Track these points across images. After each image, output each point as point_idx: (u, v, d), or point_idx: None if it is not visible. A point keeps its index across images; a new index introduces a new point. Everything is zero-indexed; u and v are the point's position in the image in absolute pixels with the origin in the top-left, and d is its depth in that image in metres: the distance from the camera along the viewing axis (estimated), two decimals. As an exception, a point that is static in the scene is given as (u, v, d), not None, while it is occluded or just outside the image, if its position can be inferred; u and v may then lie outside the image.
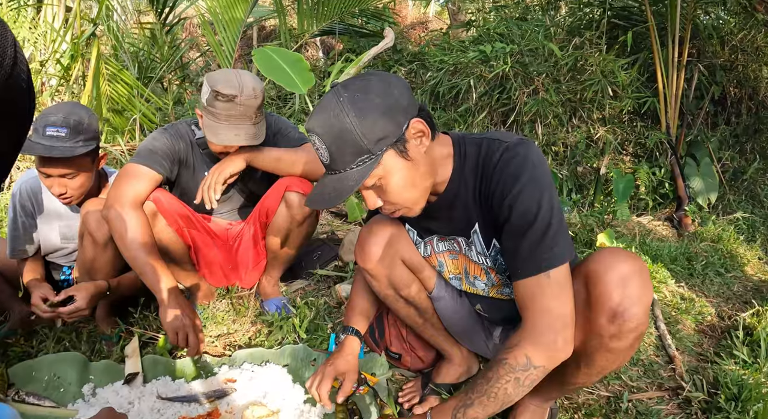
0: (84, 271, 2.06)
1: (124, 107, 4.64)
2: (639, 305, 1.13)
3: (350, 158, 1.13)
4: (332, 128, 1.12)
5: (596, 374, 1.26)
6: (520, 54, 3.98)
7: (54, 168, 1.86)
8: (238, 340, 2.04)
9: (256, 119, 1.89)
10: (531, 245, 1.15)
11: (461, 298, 1.60)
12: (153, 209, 1.95)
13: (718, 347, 2.16)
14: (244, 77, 1.87)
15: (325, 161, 1.17)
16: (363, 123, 1.10)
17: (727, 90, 4.77)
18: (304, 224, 2.05)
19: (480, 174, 1.26)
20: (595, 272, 1.16)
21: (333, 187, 1.16)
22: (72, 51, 4.46)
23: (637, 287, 1.13)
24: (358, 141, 1.11)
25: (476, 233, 1.35)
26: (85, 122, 1.87)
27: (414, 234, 1.52)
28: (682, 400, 1.78)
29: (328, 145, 1.13)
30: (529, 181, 1.17)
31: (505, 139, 1.25)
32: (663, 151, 4.30)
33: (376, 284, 1.55)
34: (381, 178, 1.17)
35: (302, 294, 2.34)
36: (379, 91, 1.12)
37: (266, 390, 1.66)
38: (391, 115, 1.12)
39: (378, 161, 1.13)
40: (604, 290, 1.14)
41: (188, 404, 1.61)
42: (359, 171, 1.13)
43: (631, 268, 1.14)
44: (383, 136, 1.12)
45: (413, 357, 1.82)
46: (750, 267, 3.21)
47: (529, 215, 1.16)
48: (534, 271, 1.15)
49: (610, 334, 1.16)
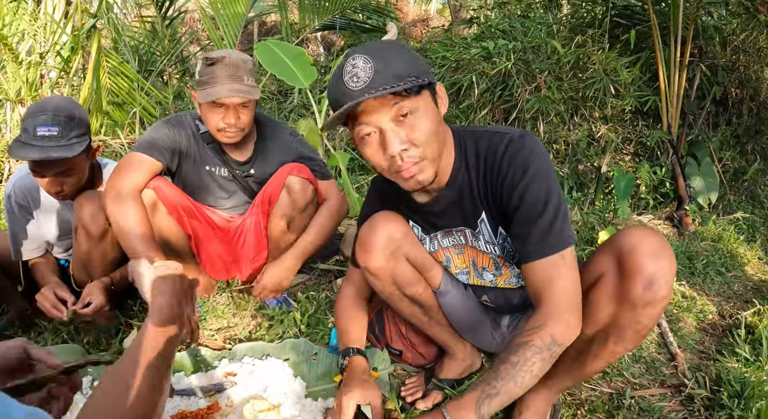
0: (80, 265, 2.04)
1: (124, 101, 4.63)
2: (669, 275, 1.17)
3: (393, 80, 1.09)
4: (383, 47, 1.14)
5: (621, 351, 1.28)
6: (522, 51, 3.96)
7: (50, 169, 1.82)
8: (239, 334, 2.03)
9: (248, 81, 1.90)
10: (542, 229, 1.19)
11: (467, 291, 1.59)
12: (153, 198, 1.93)
13: (719, 345, 2.15)
14: (232, 51, 1.92)
15: (361, 84, 1.10)
16: (409, 56, 1.14)
17: (728, 91, 4.76)
18: (306, 210, 2.07)
19: (483, 166, 1.28)
20: (628, 246, 1.19)
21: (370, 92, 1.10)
22: (72, 43, 4.44)
23: (667, 259, 1.17)
24: (412, 59, 1.13)
25: (483, 222, 1.35)
26: (75, 116, 1.83)
27: (419, 230, 1.50)
28: (684, 397, 1.77)
29: (375, 61, 1.10)
30: (537, 172, 1.20)
31: (506, 131, 1.27)
32: (664, 150, 4.29)
33: (379, 283, 1.51)
34: (414, 112, 1.15)
35: (303, 288, 2.33)
36: (403, 48, 1.17)
37: (267, 384, 1.65)
38: (423, 63, 1.17)
39: (421, 88, 1.14)
40: (639, 260, 1.17)
41: (188, 397, 1.60)
42: (405, 85, 1.10)
43: (660, 242, 1.18)
44: (424, 72, 1.15)
45: (414, 353, 1.81)
46: (750, 267, 3.20)
47: (539, 205, 1.19)
48: (549, 252, 1.19)
49: (644, 302, 1.18)
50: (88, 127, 1.89)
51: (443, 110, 1.22)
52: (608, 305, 1.23)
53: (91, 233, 1.91)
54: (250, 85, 1.90)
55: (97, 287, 1.90)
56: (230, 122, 1.90)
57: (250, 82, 1.91)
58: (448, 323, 1.66)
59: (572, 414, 1.65)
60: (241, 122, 1.92)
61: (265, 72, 5.24)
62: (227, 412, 1.54)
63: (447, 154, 1.29)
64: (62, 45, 4.53)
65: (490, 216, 1.34)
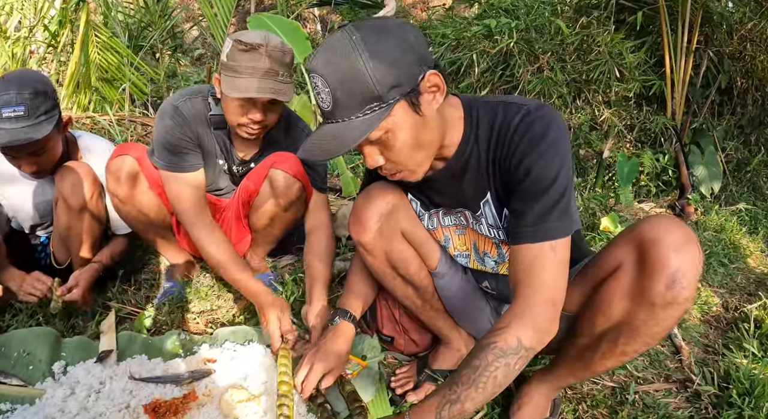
0: (60, 240, 1.94)
1: (113, 76, 4.52)
2: (694, 273, 1.04)
3: (357, 105, 1.00)
4: (341, 69, 0.99)
5: (631, 353, 1.16)
6: (525, 30, 3.83)
7: (20, 150, 1.72)
8: (221, 317, 1.92)
9: (284, 78, 1.64)
10: (542, 210, 1.07)
11: (466, 275, 1.48)
12: (135, 169, 1.79)
13: (725, 338, 2.07)
14: (271, 35, 1.66)
15: (326, 107, 1.03)
16: (377, 66, 0.98)
17: (733, 80, 4.67)
18: (291, 209, 1.87)
19: (495, 139, 1.15)
20: (651, 236, 1.06)
21: (333, 136, 1.03)
22: (60, 17, 4.30)
23: (693, 255, 1.04)
24: (369, 86, 0.98)
25: (488, 204, 1.23)
26: (40, 91, 1.70)
27: (417, 205, 1.39)
28: (691, 394, 1.68)
29: (333, 88, 1.00)
30: (551, 144, 1.08)
31: (524, 102, 1.14)
32: (667, 137, 4.20)
33: (372, 259, 1.41)
34: (388, 131, 1.05)
35: (291, 270, 2.21)
36: (396, 34, 1.01)
37: (247, 371, 1.54)
38: (408, 62, 1.01)
39: (389, 111, 1.01)
40: (661, 254, 1.04)
41: (163, 385, 1.49)
42: (366, 121, 1.01)
43: (686, 234, 1.05)
44: (397, 83, 1.00)
45: (407, 340, 1.70)
46: (752, 259, 3.14)
47: (546, 181, 1.07)
48: (539, 238, 1.08)
49: (664, 302, 1.05)
50: (55, 100, 1.77)
51: (439, 100, 1.08)
52: (623, 301, 1.11)
53: (71, 206, 1.82)
54: (285, 81, 1.65)
55: (83, 276, 1.84)
56: (256, 118, 1.67)
57: (285, 78, 1.65)
58: (444, 308, 1.55)
59: (573, 409, 1.55)
60: (267, 120, 1.71)
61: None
62: (204, 402, 1.43)
63: (453, 130, 1.18)
64: (50, 19, 4.40)
65: (496, 196, 1.22)
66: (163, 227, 1.97)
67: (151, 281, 2.16)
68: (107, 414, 1.40)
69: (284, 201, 1.82)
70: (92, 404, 1.43)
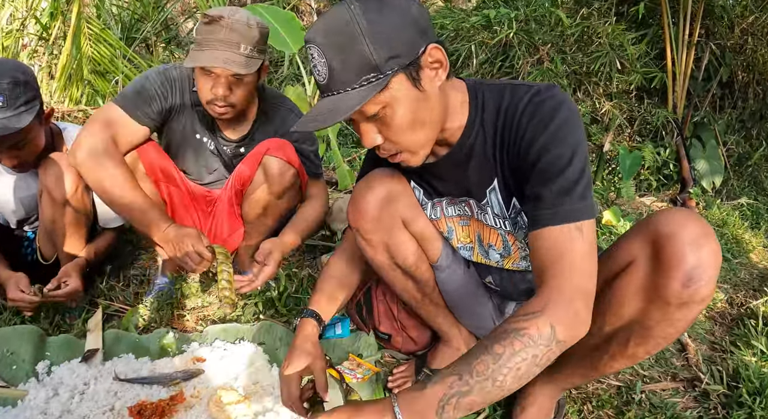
0: (46, 235, 1.88)
1: (106, 69, 4.44)
2: (713, 270, 0.96)
3: (353, 76, 0.94)
4: (337, 37, 0.93)
5: (642, 354, 1.09)
6: (525, 21, 3.76)
7: (0, 143, 1.64)
8: (212, 314, 1.85)
9: (246, 51, 1.59)
10: (562, 190, 0.97)
11: (469, 269, 1.41)
12: (132, 156, 1.73)
13: (731, 335, 2.01)
14: (242, 10, 1.62)
15: (322, 79, 0.97)
16: (375, 34, 0.92)
17: (734, 73, 4.62)
18: (284, 197, 1.81)
19: (502, 123, 1.08)
20: (666, 230, 0.98)
21: (329, 108, 0.97)
22: (52, 9, 4.22)
23: (711, 249, 0.96)
24: (366, 54, 0.92)
25: (494, 191, 1.16)
26: (20, 81, 1.62)
27: (420, 193, 1.31)
28: (699, 393, 1.63)
29: (329, 58, 0.94)
30: (564, 124, 1.00)
31: (532, 84, 1.07)
32: (669, 131, 4.14)
33: (370, 250, 1.33)
34: (386, 106, 0.98)
35: (284, 265, 2.15)
36: (397, 5, 0.95)
37: (238, 371, 1.47)
38: (408, 32, 0.95)
39: (386, 84, 0.94)
40: (678, 250, 0.95)
41: (150, 386, 1.42)
42: (362, 92, 0.94)
43: (703, 228, 0.97)
44: (396, 53, 0.94)
45: (405, 337, 1.64)
46: (755, 254, 3.09)
47: (561, 160, 0.98)
48: (564, 219, 0.97)
49: (680, 301, 0.97)
50: (37, 90, 1.68)
51: (441, 77, 1.01)
52: (635, 300, 1.04)
53: (55, 199, 1.74)
54: (247, 55, 1.59)
55: (73, 269, 1.77)
56: (218, 93, 1.62)
57: (249, 52, 1.59)
58: (445, 303, 1.48)
59: (578, 409, 1.49)
60: (233, 97, 1.65)
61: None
62: (192, 403, 1.37)
63: (457, 114, 1.11)
64: (42, 11, 4.32)
65: (503, 184, 1.15)
66: None
67: (141, 278, 2.10)
68: (91, 416, 1.34)
69: (278, 188, 1.77)
70: (76, 406, 1.37)
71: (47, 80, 4.46)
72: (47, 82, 4.44)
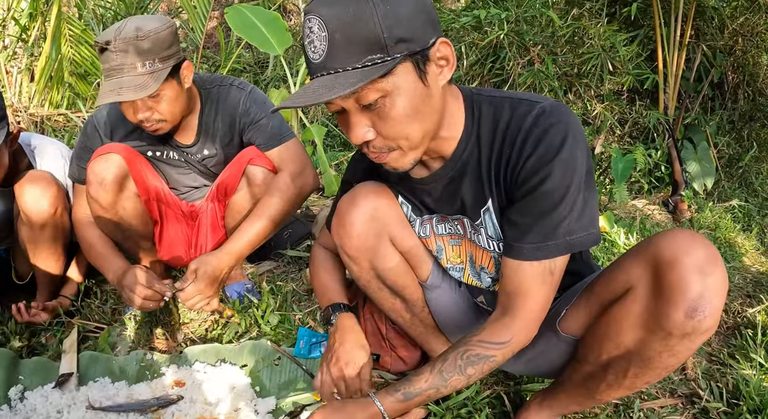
0: (22, 256, 1.81)
1: (87, 71, 4.36)
2: (719, 300, 0.89)
3: (356, 54, 0.85)
4: (345, 9, 0.84)
5: (641, 384, 1.04)
6: (515, 21, 3.70)
7: None
8: (193, 333, 1.77)
9: (144, 68, 1.48)
10: (549, 228, 0.99)
11: (460, 289, 1.35)
12: (123, 171, 1.65)
13: (729, 346, 1.96)
14: (133, 20, 1.50)
15: (318, 57, 0.88)
16: (388, 12, 0.84)
17: (725, 74, 4.60)
18: None
19: (500, 141, 1.01)
20: (669, 255, 0.92)
21: (324, 86, 0.87)
22: (31, 9, 4.11)
23: (719, 278, 0.89)
24: (375, 31, 0.84)
25: (489, 212, 1.10)
26: None
27: (408, 209, 1.24)
28: (698, 410, 1.57)
29: (332, 30, 0.85)
30: (571, 157, 0.96)
31: (535, 100, 1.00)
32: (660, 133, 4.11)
33: (357, 268, 1.27)
34: (386, 96, 0.90)
35: (269, 278, 2.07)
36: None
37: (219, 396, 1.40)
38: (422, 18, 0.88)
39: (391, 68, 0.86)
40: (682, 278, 0.89)
41: (126, 414, 1.34)
42: (365, 72, 0.85)
43: (710, 253, 0.90)
44: (408, 37, 0.86)
45: (394, 357, 1.57)
46: (748, 258, 3.06)
47: (556, 195, 0.96)
48: (543, 257, 1.02)
49: (683, 332, 0.91)
50: (3, 110, 1.59)
51: (446, 76, 0.94)
52: (634, 330, 0.97)
53: (33, 222, 1.67)
54: (148, 72, 1.49)
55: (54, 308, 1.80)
56: (140, 117, 1.55)
57: (149, 68, 1.49)
58: (435, 324, 1.42)
59: (575, 431, 1.43)
60: (157, 114, 1.57)
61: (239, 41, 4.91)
62: (169, 433, 1.29)
63: (452, 125, 1.04)
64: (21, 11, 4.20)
65: (498, 205, 1.09)
66: (143, 237, 1.83)
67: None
68: (62, 448, 1.26)
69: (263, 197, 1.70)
70: (47, 436, 1.29)
71: (27, 83, 4.35)
72: (27, 84, 4.33)
